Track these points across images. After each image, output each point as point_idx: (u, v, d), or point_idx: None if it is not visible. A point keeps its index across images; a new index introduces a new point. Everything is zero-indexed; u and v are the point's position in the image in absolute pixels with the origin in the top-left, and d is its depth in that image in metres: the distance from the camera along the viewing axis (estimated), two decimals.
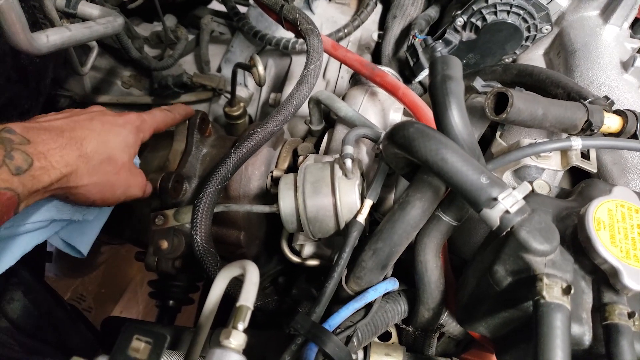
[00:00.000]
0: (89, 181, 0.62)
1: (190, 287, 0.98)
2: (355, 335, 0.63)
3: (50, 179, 0.55)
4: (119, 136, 0.68)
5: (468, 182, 0.50)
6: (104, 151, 0.64)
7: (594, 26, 0.93)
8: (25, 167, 0.52)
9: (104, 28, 0.85)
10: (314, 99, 0.88)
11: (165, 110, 0.82)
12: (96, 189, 0.64)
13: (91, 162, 0.61)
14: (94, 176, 0.62)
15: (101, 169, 0.63)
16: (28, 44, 0.66)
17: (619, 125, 0.68)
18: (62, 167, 0.56)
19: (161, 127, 0.80)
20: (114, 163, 0.66)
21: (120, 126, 0.69)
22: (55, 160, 0.55)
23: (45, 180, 0.54)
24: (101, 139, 0.64)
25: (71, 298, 2.15)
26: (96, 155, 0.62)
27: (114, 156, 0.66)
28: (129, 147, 0.69)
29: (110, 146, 0.66)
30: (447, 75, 0.56)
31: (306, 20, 0.85)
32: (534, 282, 0.48)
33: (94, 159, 0.62)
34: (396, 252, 0.62)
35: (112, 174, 0.66)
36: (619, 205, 0.54)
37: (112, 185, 0.67)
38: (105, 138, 0.65)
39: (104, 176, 0.64)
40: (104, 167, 0.64)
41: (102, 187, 0.65)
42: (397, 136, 0.56)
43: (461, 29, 0.98)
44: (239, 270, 0.51)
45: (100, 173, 0.63)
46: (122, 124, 0.70)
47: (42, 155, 0.54)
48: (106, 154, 0.65)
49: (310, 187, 0.70)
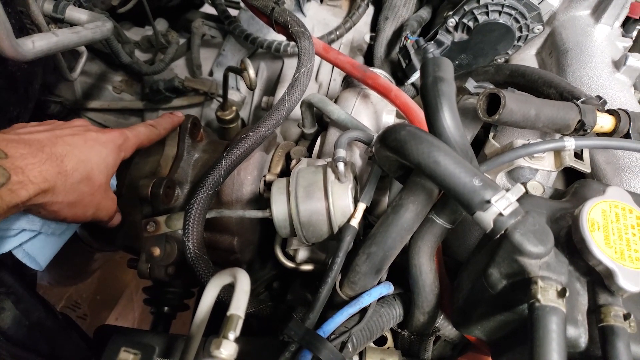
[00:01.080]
0: (64, 199, 0.61)
1: (185, 293, 0.97)
2: (350, 341, 0.62)
3: (28, 193, 0.54)
4: (99, 155, 0.67)
5: (461, 184, 0.49)
6: (83, 170, 0.64)
7: (585, 26, 0.93)
8: (2, 181, 0.52)
9: (92, 33, 0.84)
10: (306, 102, 0.88)
11: (149, 126, 0.81)
12: (70, 207, 0.64)
13: (70, 179, 0.61)
14: (71, 195, 0.62)
15: (78, 188, 0.63)
16: (13, 51, 0.65)
17: (611, 124, 0.68)
18: (40, 183, 0.56)
19: (145, 144, 0.79)
20: (92, 183, 0.65)
21: (103, 144, 0.68)
22: (33, 175, 0.55)
23: (23, 195, 0.54)
24: (82, 157, 0.64)
25: (65, 305, 2.13)
26: (75, 174, 0.62)
27: (93, 176, 0.65)
28: (107, 167, 0.69)
29: (90, 165, 0.65)
30: (439, 77, 0.56)
31: (297, 22, 0.85)
32: (529, 285, 0.47)
33: (73, 177, 0.61)
34: (390, 255, 0.62)
35: (87, 194, 0.65)
36: (612, 206, 0.53)
37: (86, 205, 0.66)
38: (86, 156, 0.65)
39: (79, 195, 0.64)
40: (82, 186, 0.63)
41: (76, 206, 0.64)
42: (389, 139, 0.55)
43: (453, 30, 0.98)
44: (230, 278, 0.50)
45: (77, 192, 0.63)
46: (104, 142, 0.69)
47: (19, 169, 0.54)
48: (85, 172, 0.64)
49: (302, 191, 0.69)
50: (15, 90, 0.90)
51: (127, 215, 0.91)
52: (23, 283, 0.86)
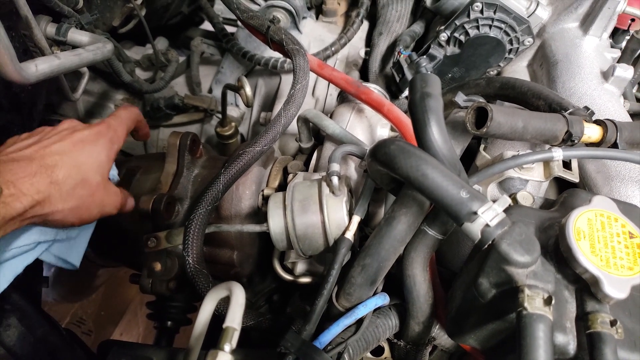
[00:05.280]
0: (63, 207, 0.62)
1: (187, 307, 0.98)
2: (347, 352, 0.63)
3: (23, 205, 0.55)
4: (91, 156, 0.66)
5: (448, 197, 0.51)
6: (76, 175, 0.63)
7: (574, 37, 0.95)
8: None
9: (93, 55, 0.87)
10: (302, 118, 0.90)
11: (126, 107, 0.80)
12: (72, 213, 0.64)
13: (64, 187, 0.61)
14: (69, 201, 0.62)
15: (75, 194, 0.63)
16: (17, 74, 0.67)
17: (599, 135, 0.69)
18: (34, 194, 0.56)
19: (131, 126, 0.79)
20: (88, 185, 0.65)
21: (92, 143, 0.68)
22: (25, 187, 0.56)
23: (18, 207, 0.54)
24: (73, 163, 0.63)
25: (71, 322, 2.14)
26: (69, 180, 0.62)
27: (88, 179, 0.65)
28: (101, 165, 0.68)
29: (83, 169, 0.64)
30: (426, 93, 0.58)
31: (292, 40, 0.87)
32: (516, 293, 0.48)
33: (67, 184, 0.62)
34: (385, 267, 0.63)
35: (86, 197, 0.65)
36: (598, 215, 0.54)
37: (88, 207, 0.66)
38: (77, 161, 0.64)
39: (78, 200, 0.64)
40: (78, 191, 0.63)
41: (78, 210, 0.64)
42: (379, 153, 0.57)
43: (445, 44, 1.00)
44: (225, 292, 0.51)
45: (74, 198, 0.63)
46: (94, 141, 0.68)
47: (10, 183, 0.54)
48: (79, 177, 0.64)
49: (298, 205, 0.71)
50: (19, 111, 0.93)
51: (128, 232, 0.93)
52: (28, 300, 0.87)
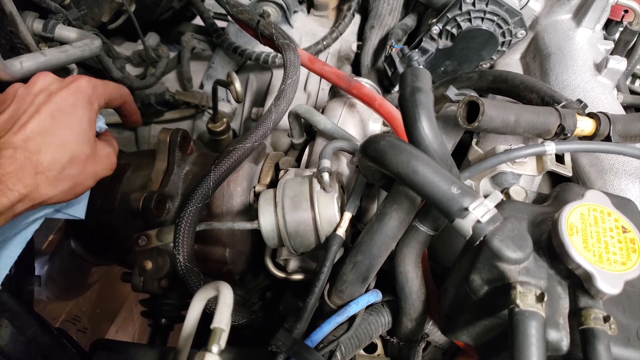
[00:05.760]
0: (56, 191, 0.61)
1: (181, 304, 0.98)
2: (339, 350, 0.63)
3: (10, 200, 0.55)
4: (73, 127, 0.62)
5: (439, 192, 0.50)
6: (62, 155, 0.61)
7: (567, 29, 0.94)
8: None
9: (80, 51, 0.85)
10: (293, 113, 0.89)
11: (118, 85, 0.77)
12: (64, 194, 0.62)
13: (51, 174, 0.60)
14: (59, 186, 0.61)
15: (64, 176, 0.61)
16: (1, 72, 0.66)
17: (592, 128, 0.69)
18: (20, 188, 0.56)
19: (115, 98, 0.74)
20: (77, 161, 0.63)
21: (72, 110, 0.63)
22: (11, 183, 0.55)
23: (5, 203, 0.54)
24: (56, 142, 0.60)
25: (66, 320, 2.13)
26: (55, 165, 0.60)
27: (75, 154, 0.62)
28: (86, 132, 0.64)
29: (68, 146, 0.62)
30: (416, 87, 0.57)
31: (282, 35, 0.86)
32: (509, 290, 0.48)
33: (53, 169, 0.60)
34: (376, 264, 0.63)
35: (78, 174, 0.63)
36: (591, 209, 0.54)
37: (82, 181, 0.65)
38: (61, 138, 0.61)
39: (69, 181, 0.62)
40: (68, 171, 0.62)
41: (74, 187, 0.63)
42: (369, 149, 0.56)
43: (437, 37, 0.99)
44: (214, 291, 0.51)
45: (64, 180, 0.61)
46: (73, 107, 0.63)
47: None
48: (66, 157, 0.61)
49: (289, 202, 0.70)
50: None
51: (119, 230, 0.92)
52: (18, 300, 0.86)
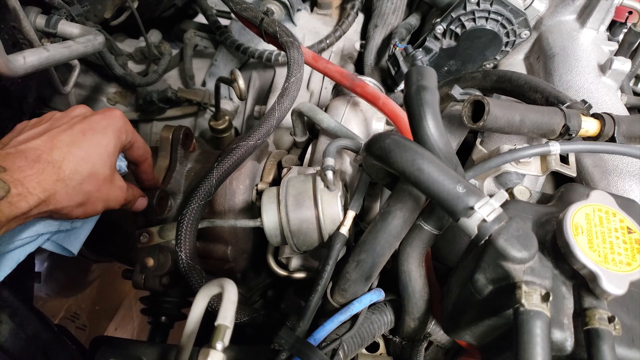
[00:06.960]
0: (69, 203, 0.61)
1: (182, 302, 0.98)
2: (341, 348, 0.62)
3: (29, 204, 0.55)
4: (100, 146, 0.65)
5: (444, 191, 0.50)
6: (84, 169, 0.62)
7: (571, 30, 0.94)
8: (2, 194, 0.52)
9: (83, 47, 0.85)
10: (296, 111, 0.89)
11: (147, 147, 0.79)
12: (77, 209, 0.63)
13: (70, 183, 0.60)
14: (75, 197, 0.62)
15: (82, 189, 0.62)
16: (4, 67, 0.66)
17: (596, 128, 0.68)
18: (40, 193, 0.56)
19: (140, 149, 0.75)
20: (95, 179, 0.64)
21: (102, 131, 0.66)
22: (32, 186, 0.55)
23: (23, 207, 0.54)
24: (82, 155, 0.62)
25: (65, 316, 2.13)
26: (76, 176, 0.61)
27: (96, 171, 0.64)
28: (109, 156, 0.66)
29: (91, 161, 0.63)
30: (422, 86, 0.57)
31: (286, 33, 0.86)
32: (514, 289, 0.48)
33: (74, 179, 0.61)
34: (380, 262, 0.62)
35: (93, 192, 0.64)
36: (596, 210, 0.54)
37: (94, 201, 0.66)
38: (86, 152, 0.63)
39: (84, 196, 0.63)
40: (85, 186, 0.63)
41: (85, 204, 0.64)
42: (374, 148, 0.56)
43: (441, 37, 0.99)
44: (218, 288, 0.50)
45: (80, 194, 0.62)
46: (104, 129, 0.66)
47: (18, 182, 0.54)
48: (87, 171, 0.63)
49: (292, 200, 0.70)
50: (9, 105, 0.91)
51: (121, 227, 0.92)
52: (19, 296, 0.86)
